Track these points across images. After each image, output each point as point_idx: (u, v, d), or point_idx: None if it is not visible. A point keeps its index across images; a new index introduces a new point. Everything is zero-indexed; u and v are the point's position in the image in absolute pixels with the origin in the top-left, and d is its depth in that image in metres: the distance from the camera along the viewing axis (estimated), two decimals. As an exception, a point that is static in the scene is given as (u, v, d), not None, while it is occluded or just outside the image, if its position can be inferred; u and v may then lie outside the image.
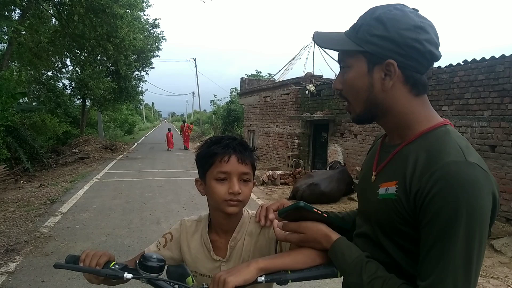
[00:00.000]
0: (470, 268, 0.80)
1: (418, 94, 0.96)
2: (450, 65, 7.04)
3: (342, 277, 1.00)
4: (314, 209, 1.01)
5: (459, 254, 0.79)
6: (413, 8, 0.96)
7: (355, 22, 0.99)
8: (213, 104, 33.62)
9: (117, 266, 1.04)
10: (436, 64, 6.37)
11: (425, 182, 0.84)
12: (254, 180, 1.26)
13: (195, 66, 45.20)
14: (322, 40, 1.04)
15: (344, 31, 1.02)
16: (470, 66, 6.61)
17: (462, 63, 6.78)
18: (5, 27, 12.85)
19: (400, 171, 0.92)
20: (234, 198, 1.13)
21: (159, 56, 24.59)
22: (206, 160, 1.18)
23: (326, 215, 1.03)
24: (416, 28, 0.90)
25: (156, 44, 23.44)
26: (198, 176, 1.25)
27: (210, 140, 1.22)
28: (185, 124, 23.39)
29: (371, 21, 0.94)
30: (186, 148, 21.41)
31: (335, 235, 1.00)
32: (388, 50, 0.92)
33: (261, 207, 1.19)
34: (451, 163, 0.83)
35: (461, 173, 0.81)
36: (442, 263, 0.80)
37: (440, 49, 0.95)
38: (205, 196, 1.24)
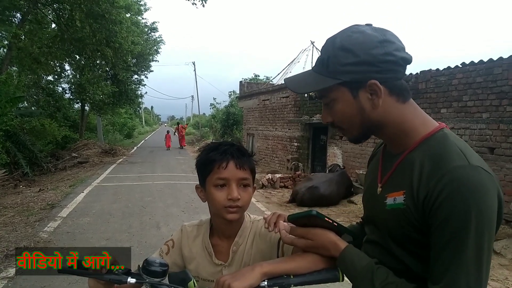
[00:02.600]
0: (481, 269, 0.83)
1: (405, 101, 0.98)
2: (449, 67, 7.07)
3: (343, 281, 1.01)
4: (326, 218, 1.01)
5: (470, 257, 0.82)
6: (366, 24, 0.98)
7: (320, 56, 1.00)
8: (212, 107, 33.62)
9: (120, 270, 1.04)
10: (434, 67, 6.30)
11: (433, 188, 0.86)
12: (255, 185, 1.27)
13: (194, 70, 45.36)
14: (297, 85, 1.06)
15: (312, 68, 1.04)
16: (468, 69, 6.63)
17: (460, 66, 6.80)
18: (4, 32, 12.91)
19: (406, 179, 0.93)
20: (233, 204, 1.14)
21: (158, 61, 24.70)
22: (204, 167, 1.19)
23: (336, 224, 1.04)
24: (382, 43, 0.92)
25: (155, 47, 23.52)
26: (198, 183, 1.26)
27: (208, 147, 1.23)
28: (179, 125, 26.23)
29: (337, 52, 0.95)
30: (181, 147, 23.74)
31: (343, 243, 1.01)
32: (365, 72, 0.93)
33: (273, 214, 1.20)
34: (457, 168, 0.85)
35: (468, 178, 0.83)
36: (454, 266, 0.82)
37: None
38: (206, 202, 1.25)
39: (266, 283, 0.97)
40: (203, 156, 1.21)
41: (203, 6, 13.00)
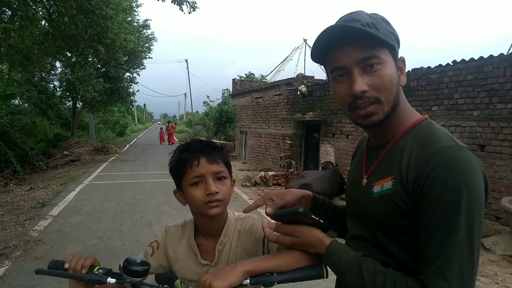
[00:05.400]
0: (473, 248, 0.82)
1: None
2: (440, 65, 7.11)
3: (328, 278, 1.00)
4: (312, 216, 1.00)
5: (462, 236, 0.81)
6: None
7: (356, 23, 0.90)
8: (205, 105, 33.54)
9: (100, 271, 1.02)
10: (426, 65, 6.33)
11: (423, 169, 0.86)
12: (234, 178, 1.27)
13: (187, 68, 45.20)
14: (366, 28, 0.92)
15: (361, 27, 0.90)
16: (459, 66, 6.67)
17: (452, 64, 6.85)
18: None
19: (394, 166, 0.93)
20: (213, 199, 1.13)
21: (151, 58, 24.53)
22: (178, 170, 1.18)
23: (322, 221, 1.02)
24: None
25: (147, 44, 23.36)
26: (175, 188, 1.24)
27: (178, 149, 1.22)
28: (170, 124, 28.78)
29: (379, 21, 0.94)
30: (171, 143, 25.38)
31: (328, 239, 1.00)
32: (398, 47, 0.97)
33: (265, 196, 1.18)
34: (446, 148, 0.86)
35: (457, 157, 0.84)
36: (447, 246, 0.81)
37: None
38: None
39: (248, 281, 0.95)
40: (175, 160, 1.20)
41: (189, 13, 12.94)
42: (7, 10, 12.72)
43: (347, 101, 0.95)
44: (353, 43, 0.91)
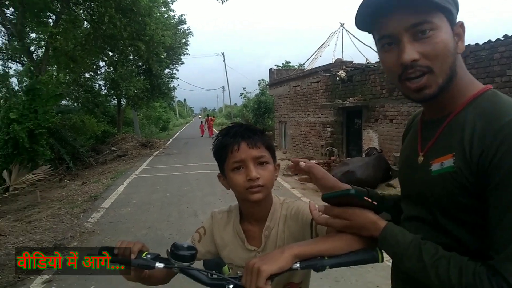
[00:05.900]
0: None
1: None
2: (489, 41, 6.68)
3: (382, 262, 0.95)
4: (365, 198, 0.95)
5: None
6: None
7: None
8: (243, 97, 33.70)
9: (149, 256, 1.02)
10: (473, 42, 5.95)
11: (490, 143, 0.78)
12: (278, 162, 1.24)
13: (224, 61, 45.52)
14: None
15: None
16: (511, 41, 6.25)
17: (503, 38, 6.42)
18: (41, 33, 13.47)
19: (455, 141, 0.86)
20: (254, 184, 1.10)
21: (189, 54, 24.96)
22: (220, 154, 1.17)
23: (375, 203, 0.97)
24: None
25: (184, 40, 23.74)
26: (219, 172, 1.24)
27: (220, 133, 1.21)
28: (209, 117, 30.98)
29: None
30: (209, 136, 26.59)
31: (383, 222, 0.93)
32: (456, 11, 0.88)
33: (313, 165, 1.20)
34: None
35: None
36: None
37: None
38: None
39: (298, 265, 0.92)
40: (217, 143, 1.19)
41: (223, 2, 13.55)
42: (52, 14, 13.38)
43: (396, 72, 0.88)
44: (403, 8, 0.84)
